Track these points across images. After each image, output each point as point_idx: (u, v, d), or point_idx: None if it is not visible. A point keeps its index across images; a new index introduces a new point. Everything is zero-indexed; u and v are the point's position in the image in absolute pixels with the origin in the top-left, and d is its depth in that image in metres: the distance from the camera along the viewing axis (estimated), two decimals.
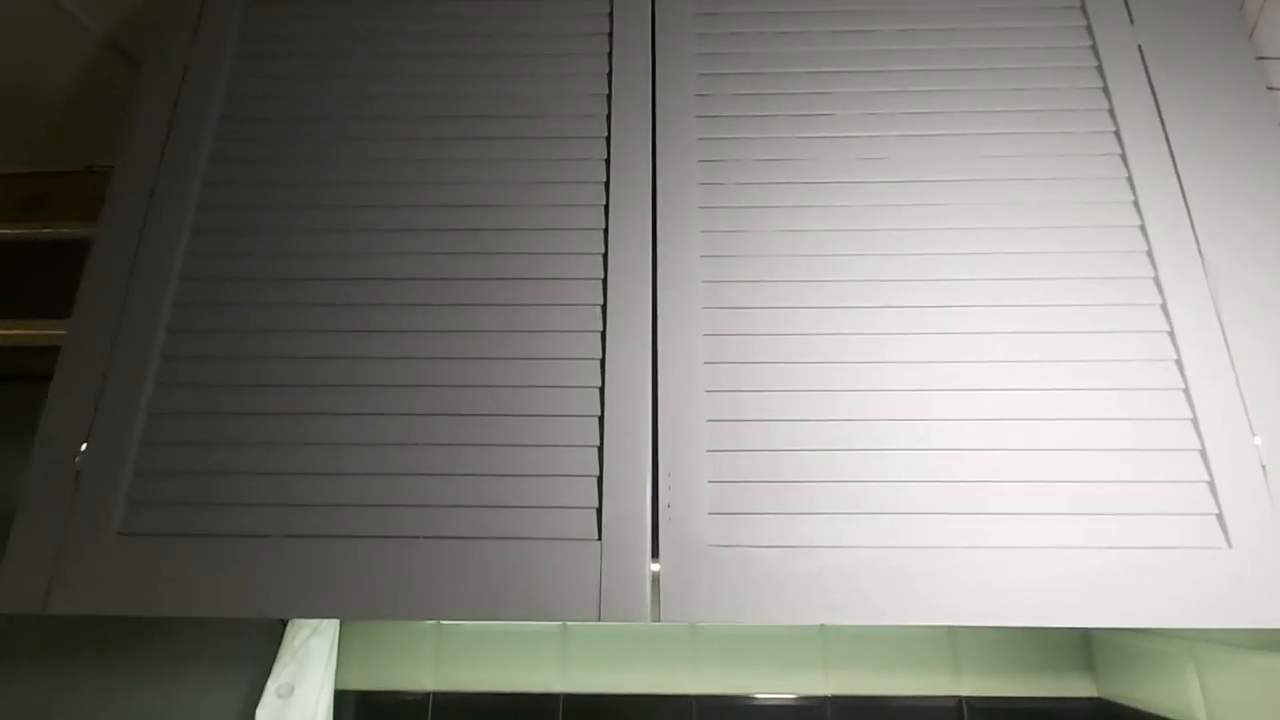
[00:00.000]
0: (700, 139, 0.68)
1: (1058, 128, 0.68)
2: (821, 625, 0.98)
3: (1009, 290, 0.63)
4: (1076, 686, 0.94)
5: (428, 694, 0.97)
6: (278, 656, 0.89)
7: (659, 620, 0.55)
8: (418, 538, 0.57)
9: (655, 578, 0.56)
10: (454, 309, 0.65)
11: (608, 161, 0.69)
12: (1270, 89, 0.68)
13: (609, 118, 0.70)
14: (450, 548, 0.57)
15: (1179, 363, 0.60)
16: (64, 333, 0.65)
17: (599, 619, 0.55)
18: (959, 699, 0.95)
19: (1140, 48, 0.70)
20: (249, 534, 0.58)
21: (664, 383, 0.61)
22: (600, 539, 0.57)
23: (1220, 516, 0.55)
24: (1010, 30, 0.72)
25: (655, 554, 0.57)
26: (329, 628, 0.94)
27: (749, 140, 0.68)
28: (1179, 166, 0.66)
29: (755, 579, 0.55)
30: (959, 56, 0.71)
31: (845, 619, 0.54)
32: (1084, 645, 0.96)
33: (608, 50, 0.73)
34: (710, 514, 0.57)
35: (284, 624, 0.92)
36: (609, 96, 0.71)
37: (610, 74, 0.72)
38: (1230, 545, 0.54)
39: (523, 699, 0.97)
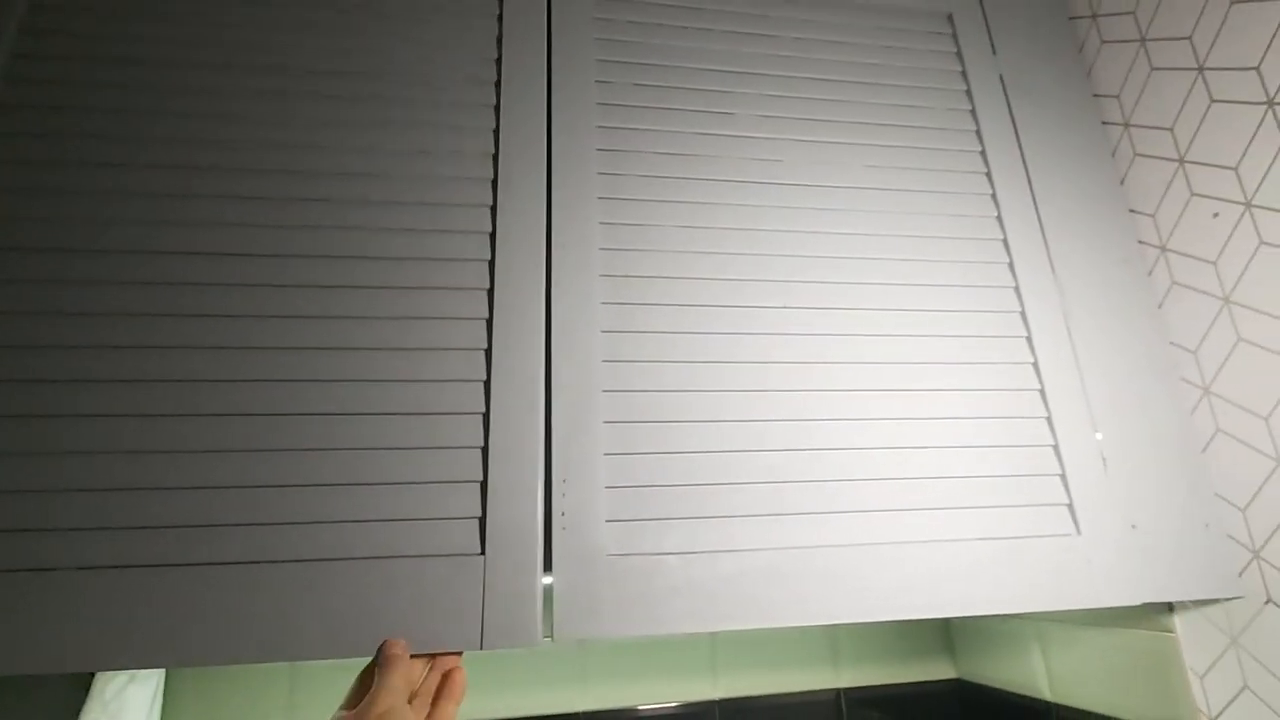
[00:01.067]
0: (600, 127, 0.65)
1: (933, 144, 0.72)
2: (712, 632, 0.97)
3: (886, 294, 0.66)
4: (937, 670, 1.01)
5: None
6: (83, 711, 0.74)
7: (551, 639, 0.50)
8: (259, 563, 0.49)
9: (548, 592, 0.52)
10: (305, 291, 0.56)
11: (496, 133, 0.63)
12: (1105, 123, 0.76)
13: (498, 85, 0.65)
14: (302, 573, 0.49)
15: (1036, 365, 0.65)
16: None
17: (481, 647, 0.49)
18: (837, 691, 0.98)
19: (1001, 77, 0.76)
20: (34, 567, 0.46)
21: (558, 380, 0.56)
22: (484, 553, 0.51)
23: (1071, 506, 0.60)
24: (895, 49, 0.76)
25: (548, 567, 0.52)
26: (151, 674, 0.79)
27: (650, 132, 0.66)
28: (1034, 188, 0.72)
29: (657, 589, 0.52)
30: (849, 69, 0.74)
31: (740, 624, 0.53)
32: (944, 631, 1.03)
33: (498, 13, 0.68)
34: (609, 521, 0.54)
35: (88, 675, 0.76)
36: (499, 61, 0.66)
37: (500, 38, 0.66)
38: (1079, 532, 0.59)
39: None
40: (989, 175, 0.72)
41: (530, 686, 0.92)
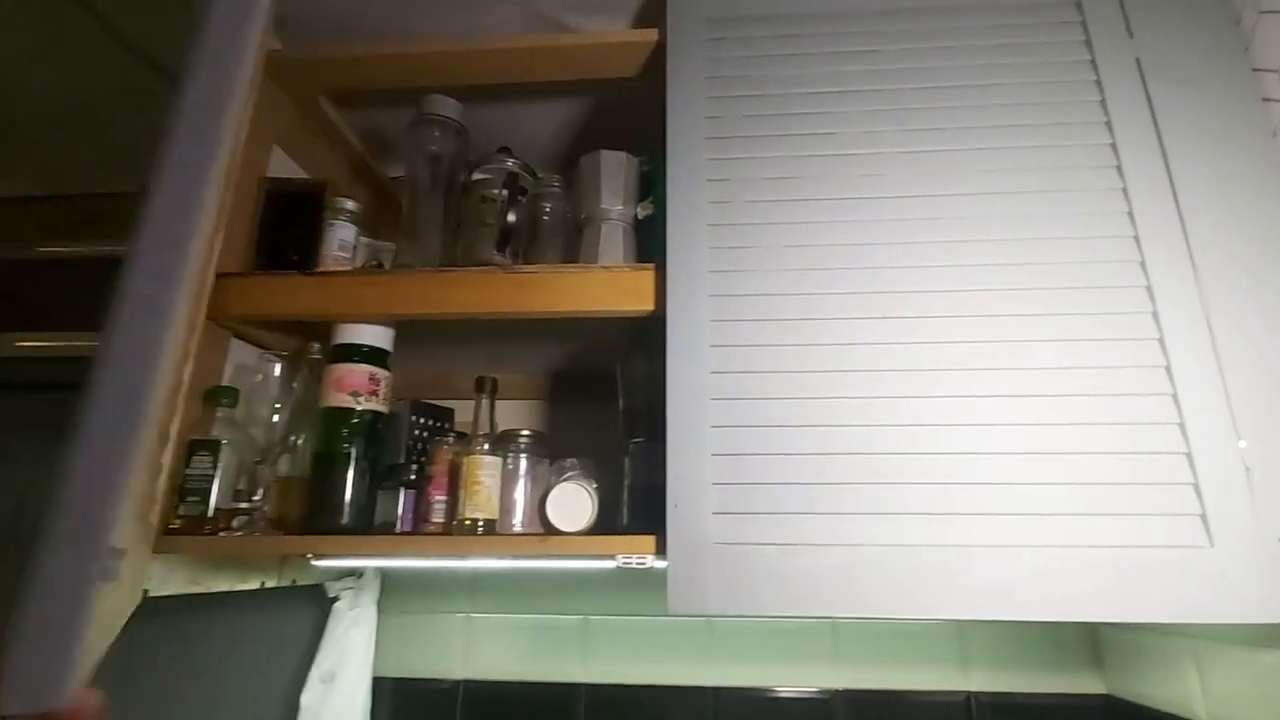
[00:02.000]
0: (710, 159, 0.72)
1: (1055, 141, 0.70)
2: (832, 621, 1.01)
3: (1005, 300, 0.66)
4: (1085, 684, 0.96)
5: (458, 682, 1.03)
6: (321, 645, 0.96)
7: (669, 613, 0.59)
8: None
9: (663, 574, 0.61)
10: None
11: None
12: (1266, 100, 0.69)
13: None
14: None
15: (1168, 369, 0.62)
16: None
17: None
18: (967, 694, 0.97)
19: (1138, 61, 0.72)
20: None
21: (673, 390, 0.65)
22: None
23: (1204, 516, 0.57)
24: (1009, 46, 0.74)
25: (662, 551, 0.61)
26: (367, 618, 1.00)
27: (756, 160, 0.72)
28: (1174, 178, 0.67)
29: (760, 575, 0.59)
30: (958, 74, 0.74)
31: (841, 612, 0.58)
32: (1091, 643, 0.97)
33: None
34: (715, 513, 0.61)
35: (326, 615, 0.98)
36: None
37: None
38: (1213, 544, 0.56)
39: (547, 688, 1.02)
40: (1119, 169, 0.69)
41: (662, 659, 1.03)
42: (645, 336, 0.79)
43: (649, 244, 0.80)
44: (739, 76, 0.75)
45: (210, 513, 0.68)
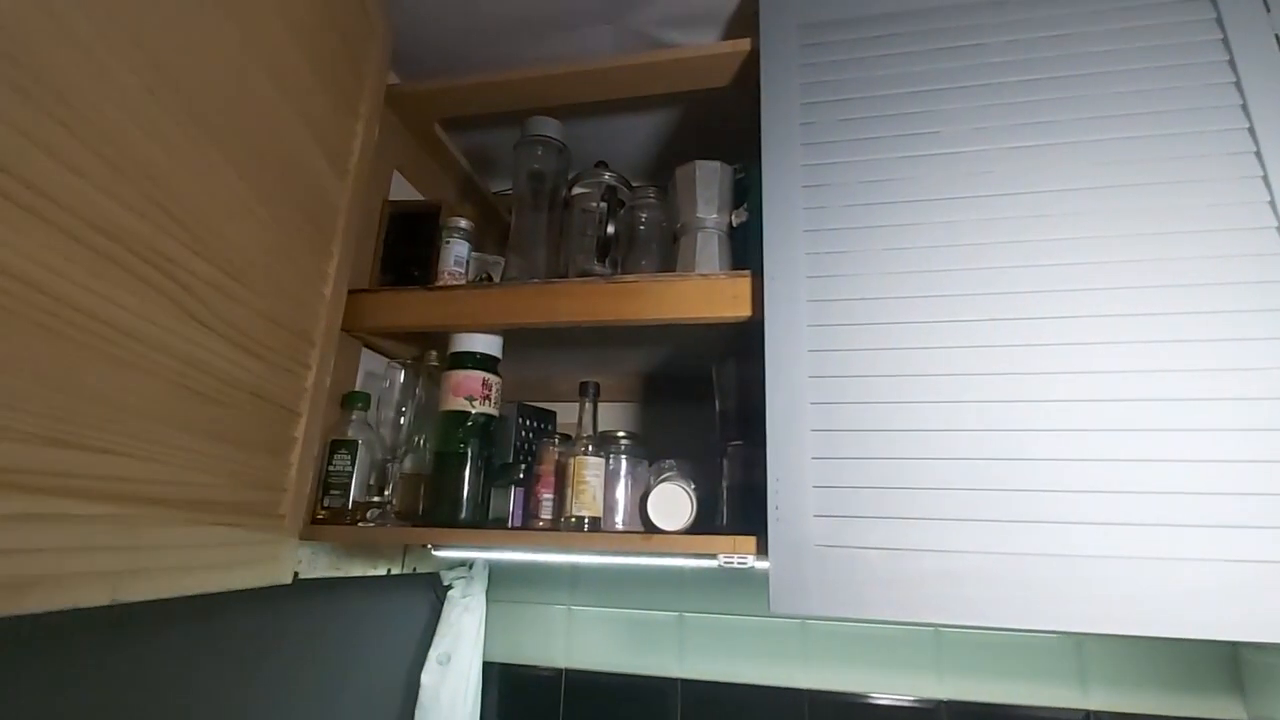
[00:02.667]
0: (805, 165, 0.73)
1: (1182, 128, 0.66)
2: (935, 629, 0.98)
3: (1129, 298, 0.63)
4: (1222, 708, 0.89)
5: (560, 670, 1.09)
6: (437, 629, 1.04)
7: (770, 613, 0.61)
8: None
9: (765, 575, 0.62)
10: None
11: None
12: None
13: None
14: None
15: None
16: None
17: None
18: (1086, 712, 0.93)
19: (1278, 38, 0.66)
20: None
21: (771, 396, 0.66)
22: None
23: None
24: (1129, 29, 0.71)
25: (764, 552, 0.63)
26: (478, 605, 1.07)
27: (853, 163, 0.72)
28: None
29: (862, 578, 0.60)
30: (1071, 62, 0.71)
31: (949, 619, 0.57)
32: (1232, 664, 0.90)
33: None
34: (816, 516, 0.62)
35: (442, 601, 1.06)
36: None
37: None
38: None
39: (645, 680, 1.06)
40: (1259, 154, 0.64)
41: (757, 658, 1.04)
42: (740, 341, 0.80)
43: (744, 251, 0.82)
44: (833, 81, 0.76)
45: (349, 505, 0.76)
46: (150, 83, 0.50)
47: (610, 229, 0.83)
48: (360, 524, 0.76)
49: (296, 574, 0.74)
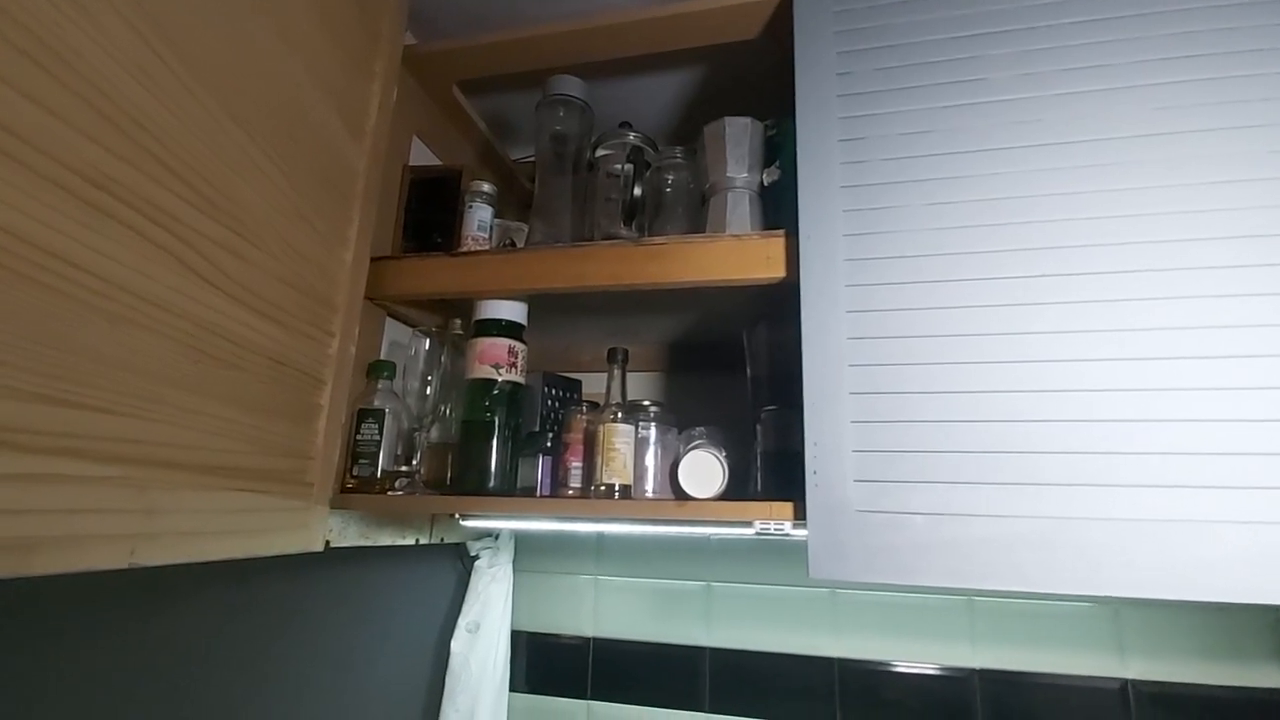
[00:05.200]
0: (842, 117, 0.69)
1: (1247, 70, 0.62)
2: (969, 598, 0.97)
3: (1185, 252, 0.59)
4: (1264, 676, 0.87)
5: (588, 639, 1.09)
6: (465, 598, 1.04)
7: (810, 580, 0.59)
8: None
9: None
10: None
11: None
12: None
13: None
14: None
15: None
16: None
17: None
18: (1124, 681, 0.91)
19: None
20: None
21: (808, 358, 0.64)
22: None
23: None
24: None
25: (803, 517, 0.61)
26: (505, 575, 1.07)
27: (893, 115, 0.68)
28: None
29: (905, 544, 0.58)
30: (1129, 1, 0.66)
31: (995, 585, 0.56)
32: (1273, 633, 0.88)
33: None
34: (856, 481, 0.60)
35: (469, 571, 1.06)
36: None
37: None
38: None
39: (673, 649, 1.06)
40: None
41: (786, 627, 1.03)
42: (771, 304, 0.78)
43: (775, 210, 0.79)
44: (870, 27, 0.72)
45: (378, 474, 0.75)
46: (137, 26, 0.47)
47: (636, 191, 0.81)
48: (389, 493, 0.76)
49: (328, 542, 0.73)
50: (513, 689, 1.08)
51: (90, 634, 0.56)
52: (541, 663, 1.10)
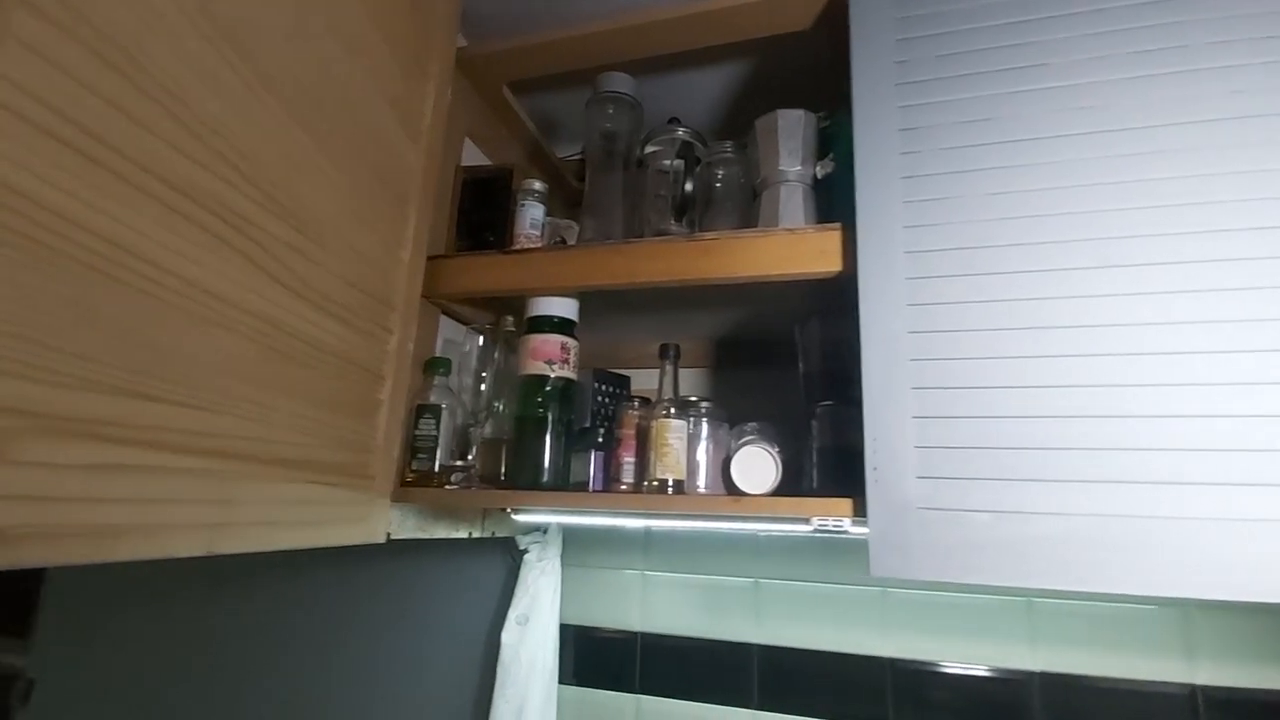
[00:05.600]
0: (901, 106, 0.68)
1: None
2: (1028, 598, 0.94)
3: (1262, 241, 0.57)
4: None
5: (636, 634, 1.10)
6: (515, 591, 1.06)
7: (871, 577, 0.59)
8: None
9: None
10: None
11: None
12: None
13: None
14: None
15: None
16: None
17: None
18: (1192, 688, 0.88)
19: None
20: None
21: (867, 353, 0.63)
22: None
23: None
24: None
25: (862, 514, 0.61)
26: (553, 569, 1.09)
27: (953, 103, 0.67)
28: None
29: (968, 542, 0.57)
30: None
31: (1064, 585, 0.54)
32: None
33: None
34: (919, 477, 0.59)
35: (518, 565, 1.08)
36: None
37: None
38: None
39: (722, 645, 1.06)
40: None
41: (833, 625, 1.02)
42: (823, 298, 0.77)
43: (829, 204, 0.78)
44: (930, 14, 0.70)
45: (435, 468, 0.77)
46: (210, 36, 0.49)
47: (686, 187, 0.81)
48: (445, 487, 0.77)
49: (389, 534, 0.75)
50: (561, 681, 1.09)
51: (162, 620, 0.59)
52: (589, 656, 1.11)
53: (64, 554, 0.39)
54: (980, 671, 0.95)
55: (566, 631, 1.11)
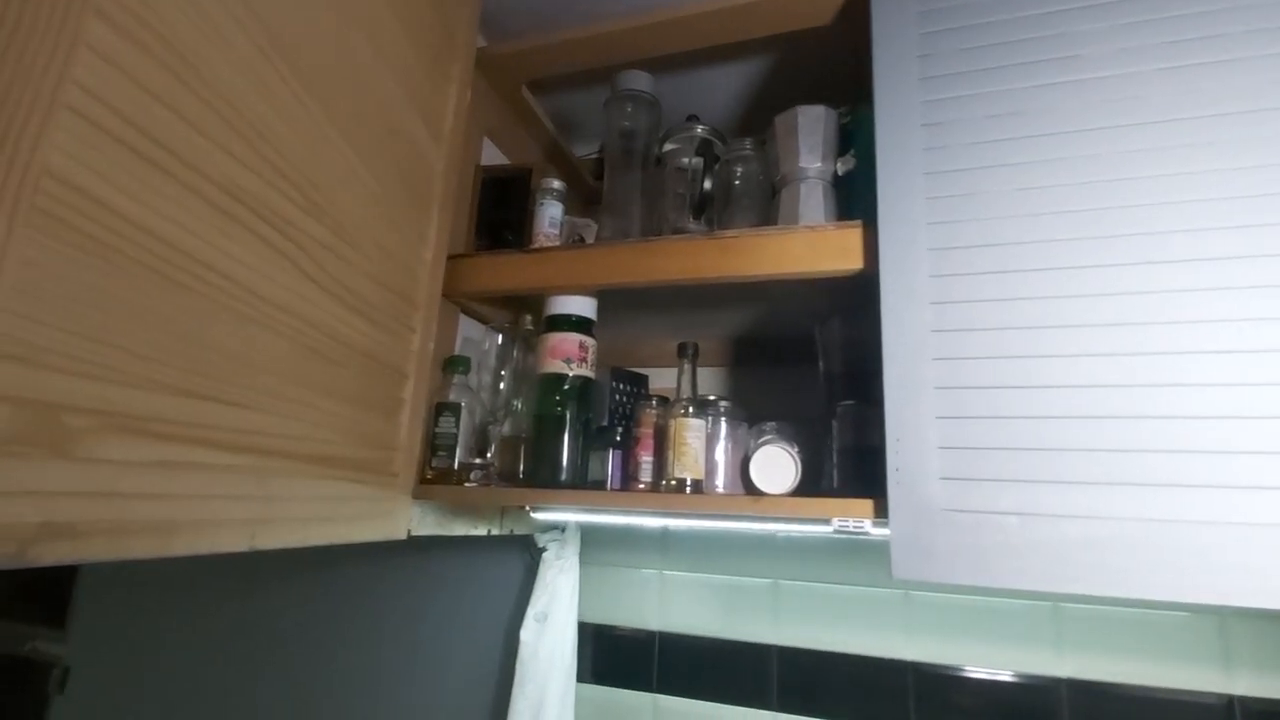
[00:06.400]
0: (924, 101, 0.67)
1: None
2: (1054, 602, 0.92)
3: None
4: None
5: (653, 633, 1.09)
6: (534, 589, 1.06)
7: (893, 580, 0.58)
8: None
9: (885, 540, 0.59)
10: None
11: None
12: None
13: None
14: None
15: None
16: None
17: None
18: (1230, 698, 0.85)
19: None
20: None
21: (889, 352, 0.62)
22: None
23: None
24: None
25: (884, 515, 0.60)
26: (572, 567, 1.09)
27: (978, 96, 0.66)
28: None
29: (995, 545, 0.56)
30: None
31: (1098, 590, 0.53)
32: None
33: None
34: (943, 479, 0.58)
35: (537, 562, 1.08)
36: None
37: None
38: None
39: (740, 646, 1.05)
40: None
41: (856, 628, 1.01)
42: (843, 297, 0.76)
43: (849, 201, 0.77)
44: (954, 6, 0.69)
45: (455, 466, 0.77)
46: (260, 43, 0.50)
47: (705, 184, 0.80)
48: (466, 485, 0.78)
49: (410, 531, 0.76)
50: (580, 680, 1.09)
51: (189, 613, 0.60)
52: (607, 655, 1.11)
53: (127, 549, 0.41)
54: (1005, 677, 0.93)
55: (585, 630, 1.11)
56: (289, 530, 0.54)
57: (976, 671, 0.94)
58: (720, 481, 0.78)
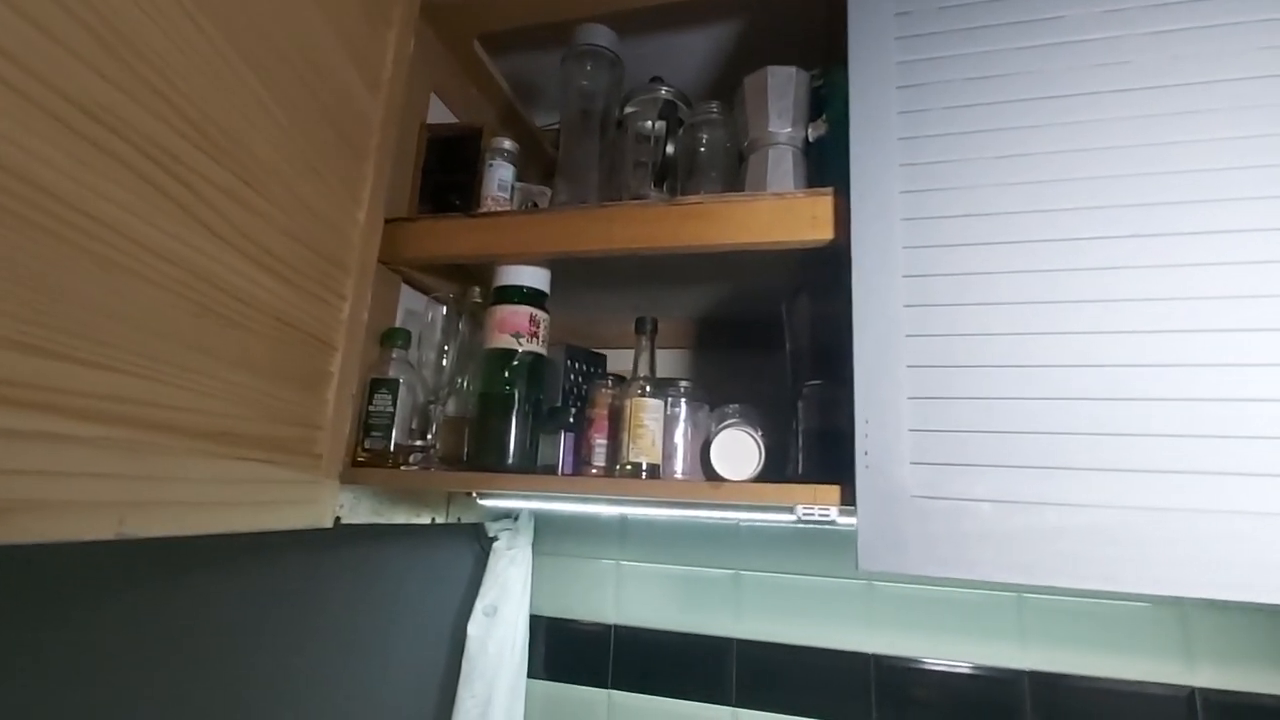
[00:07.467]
0: (900, 62, 0.62)
1: None
2: (1019, 594, 0.90)
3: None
4: None
5: (609, 626, 1.04)
6: (483, 580, 1.00)
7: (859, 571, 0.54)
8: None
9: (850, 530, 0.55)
10: None
11: None
12: None
13: None
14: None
15: None
16: None
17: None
18: (1191, 690, 0.84)
19: None
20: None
21: (859, 327, 0.58)
22: None
23: None
24: None
25: (851, 502, 0.55)
26: (524, 558, 1.03)
27: (957, 58, 0.61)
28: None
29: (967, 534, 0.52)
30: None
31: (1078, 583, 0.49)
32: None
33: None
34: (913, 463, 0.54)
35: (487, 552, 1.02)
36: None
37: None
38: None
39: (699, 639, 1.01)
40: None
41: (818, 620, 0.97)
42: (813, 272, 0.72)
43: (820, 169, 0.72)
44: None
45: (391, 448, 0.71)
46: None
47: (668, 150, 0.75)
48: (403, 468, 0.71)
49: (338, 518, 0.69)
50: (531, 675, 1.04)
51: (87, 608, 0.53)
52: (561, 649, 1.05)
53: None
54: (967, 669, 0.91)
55: (537, 623, 1.06)
56: (174, 516, 0.47)
57: (938, 663, 0.92)
58: (679, 466, 0.73)
